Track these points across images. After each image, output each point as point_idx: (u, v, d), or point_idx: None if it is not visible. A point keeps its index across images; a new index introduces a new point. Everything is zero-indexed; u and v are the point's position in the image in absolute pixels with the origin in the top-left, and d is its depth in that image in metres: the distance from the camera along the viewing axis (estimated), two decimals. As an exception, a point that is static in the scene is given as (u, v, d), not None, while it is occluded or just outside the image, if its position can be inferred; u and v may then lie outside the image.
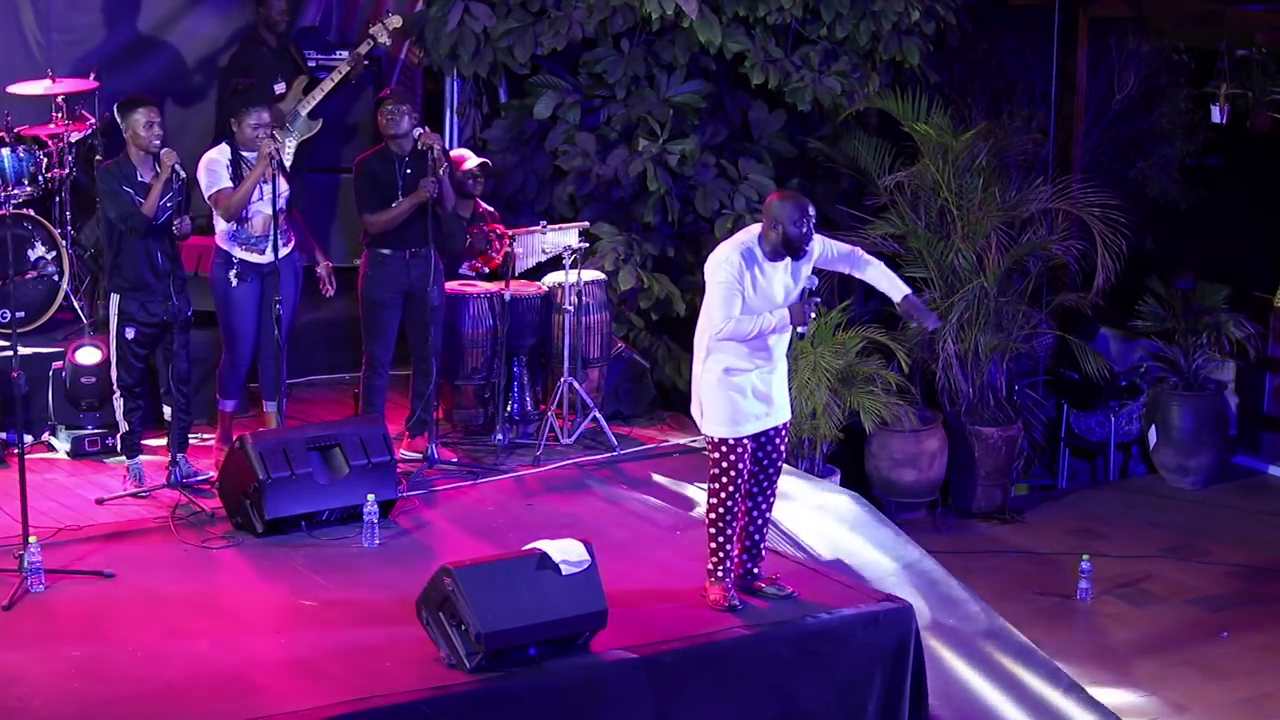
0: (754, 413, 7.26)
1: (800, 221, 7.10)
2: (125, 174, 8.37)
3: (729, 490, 7.29)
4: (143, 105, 8.39)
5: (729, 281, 7.09)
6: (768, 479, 7.46)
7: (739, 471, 7.28)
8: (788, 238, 7.11)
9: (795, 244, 7.13)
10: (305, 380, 10.14)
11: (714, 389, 7.24)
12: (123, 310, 8.47)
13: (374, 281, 9.01)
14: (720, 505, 7.31)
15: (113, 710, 6.45)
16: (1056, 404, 12.21)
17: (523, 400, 9.76)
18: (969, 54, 12.23)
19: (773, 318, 7.10)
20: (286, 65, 10.37)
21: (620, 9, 10.62)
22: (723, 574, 7.40)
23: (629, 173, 10.70)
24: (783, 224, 7.10)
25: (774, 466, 7.45)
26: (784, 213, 7.10)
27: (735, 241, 7.22)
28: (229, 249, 8.69)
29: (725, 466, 7.27)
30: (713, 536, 7.37)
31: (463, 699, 6.57)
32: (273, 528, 8.02)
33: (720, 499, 7.30)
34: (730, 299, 7.10)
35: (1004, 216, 11.07)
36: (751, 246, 7.16)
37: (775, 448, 7.42)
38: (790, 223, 7.09)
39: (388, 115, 8.92)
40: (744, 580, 7.53)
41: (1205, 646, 9.23)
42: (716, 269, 7.14)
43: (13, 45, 10.39)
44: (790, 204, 7.13)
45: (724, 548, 7.36)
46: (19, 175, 9.68)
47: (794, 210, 7.11)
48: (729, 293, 7.10)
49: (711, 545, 7.39)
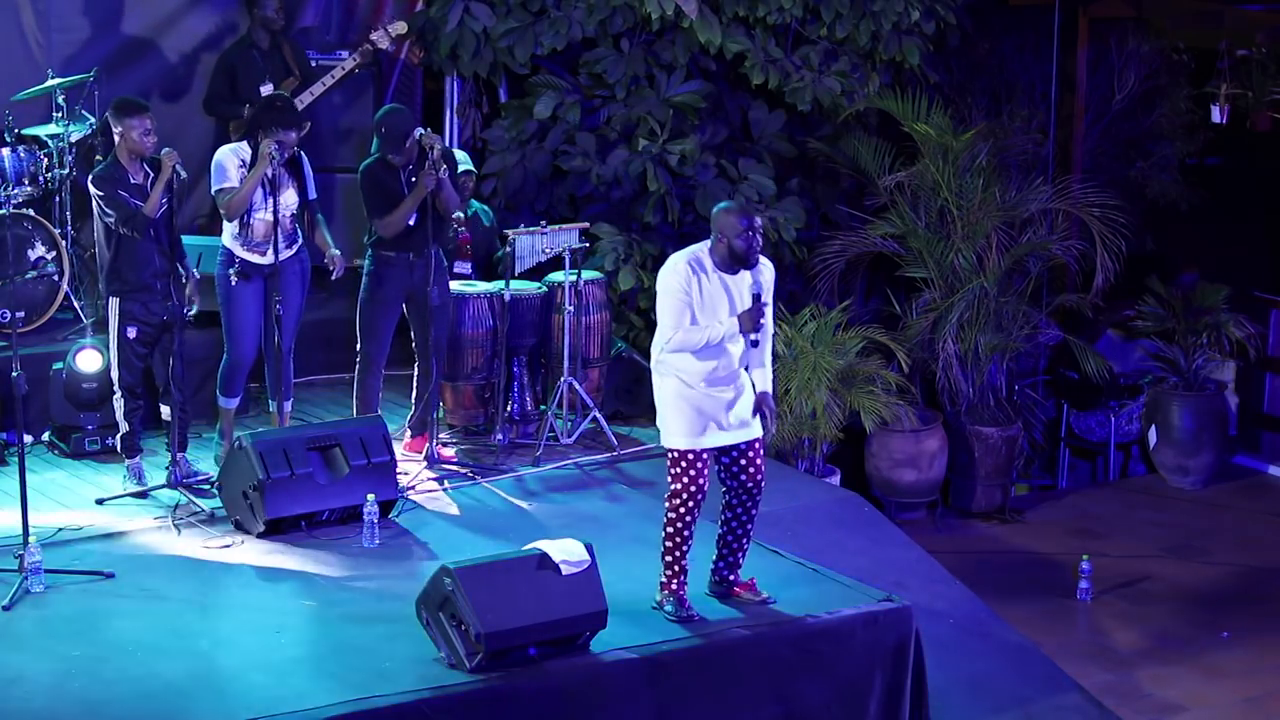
0: (712, 426, 7.12)
1: (744, 234, 6.98)
2: (117, 177, 8.35)
3: (687, 505, 7.15)
4: (136, 114, 8.34)
5: (676, 290, 7.00)
6: (747, 494, 7.31)
7: (699, 486, 7.15)
8: (733, 250, 7.01)
9: (741, 255, 7.01)
10: (305, 380, 10.14)
11: (669, 401, 7.15)
12: (124, 310, 8.47)
13: (376, 280, 9.01)
14: (678, 519, 7.19)
15: (113, 710, 6.44)
16: (1056, 404, 12.21)
17: (523, 400, 9.76)
18: (969, 54, 12.23)
19: (720, 327, 6.99)
20: (275, 66, 10.34)
21: (620, 9, 10.63)
22: (676, 586, 7.29)
23: (629, 173, 10.70)
24: (727, 236, 7.00)
25: (752, 481, 7.29)
26: (727, 224, 7.00)
27: (684, 252, 7.13)
28: (232, 248, 8.71)
29: (685, 481, 7.14)
30: (668, 550, 7.26)
31: (463, 699, 6.57)
32: (273, 528, 8.02)
33: (679, 513, 7.18)
34: (675, 308, 7.01)
35: (1004, 216, 11.08)
36: (700, 257, 7.07)
37: (751, 464, 7.26)
38: (734, 235, 6.99)
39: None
40: (720, 587, 7.47)
41: (1205, 646, 9.23)
42: (663, 279, 7.06)
43: (13, 45, 10.39)
44: (734, 215, 7.02)
45: (679, 561, 7.26)
46: (19, 175, 9.69)
47: (738, 221, 7.00)
48: (676, 302, 7.01)
49: (666, 558, 7.27)
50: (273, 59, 10.37)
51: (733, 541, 7.41)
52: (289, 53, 10.45)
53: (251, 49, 10.36)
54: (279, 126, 8.53)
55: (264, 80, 10.23)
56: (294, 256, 8.76)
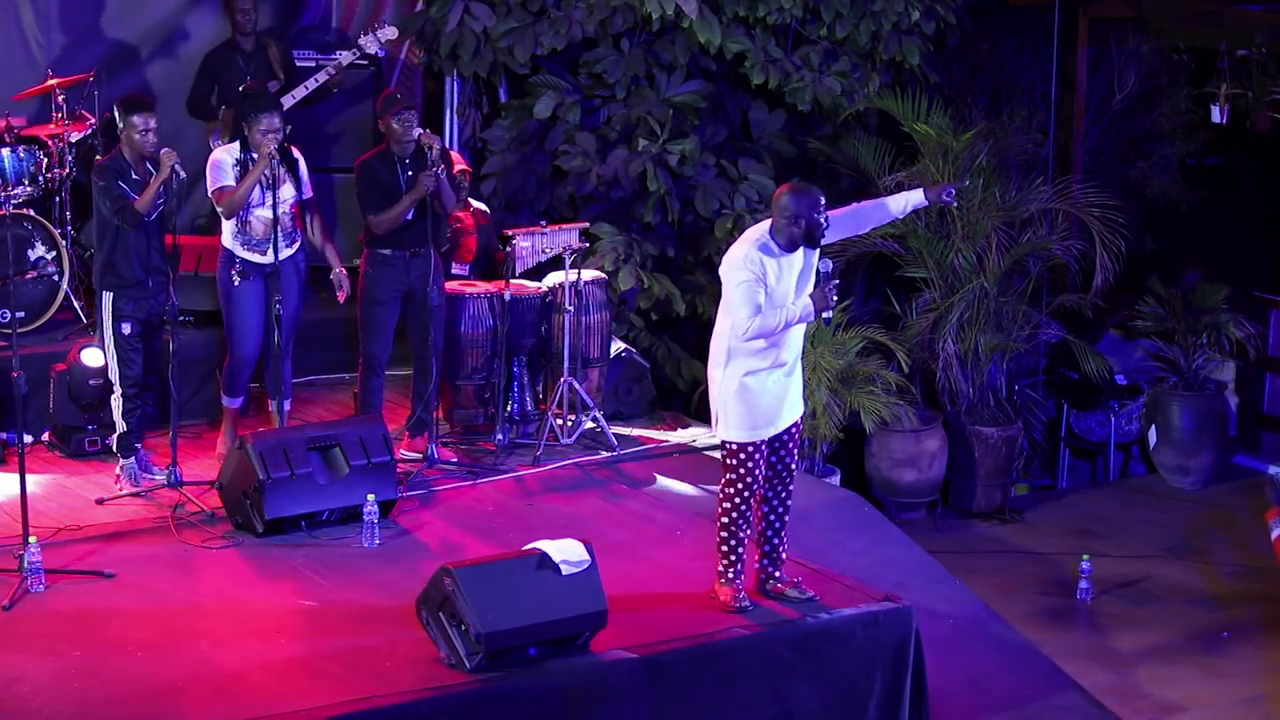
0: (771, 417, 7.23)
1: (820, 209, 7.09)
2: (118, 169, 8.42)
3: (743, 495, 7.26)
4: (140, 111, 8.40)
5: (751, 280, 7.03)
6: (781, 482, 7.41)
7: (755, 477, 7.25)
8: (810, 229, 7.09)
9: (818, 233, 7.12)
10: (305, 380, 10.14)
11: (733, 395, 7.19)
12: (116, 307, 8.50)
13: (374, 281, 9.02)
14: (734, 509, 7.28)
15: (113, 710, 6.45)
16: (1056, 404, 12.21)
17: (523, 400, 9.76)
18: (969, 54, 12.23)
19: (796, 308, 7.07)
20: (257, 68, 10.33)
21: (620, 9, 10.63)
22: (733, 575, 7.37)
23: (629, 173, 10.70)
24: (803, 216, 7.06)
25: (786, 469, 7.40)
26: (802, 205, 7.07)
27: (749, 240, 7.15)
28: (232, 248, 8.71)
29: (742, 472, 7.23)
30: (724, 540, 7.34)
31: (463, 699, 6.57)
32: (273, 528, 8.03)
33: (734, 503, 7.27)
34: (753, 296, 7.04)
35: (1004, 216, 11.08)
36: (766, 242, 7.11)
37: (787, 450, 7.38)
38: (812, 212, 7.07)
39: (404, 122, 8.88)
40: (764, 584, 7.51)
41: (1205, 646, 9.23)
42: (737, 269, 7.07)
43: (13, 45, 10.40)
44: (805, 195, 7.10)
45: (735, 550, 7.34)
46: (19, 175, 9.70)
47: (811, 201, 7.09)
48: (751, 290, 7.03)
49: (723, 549, 7.36)
50: (255, 61, 10.36)
51: (771, 535, 7.46)
52: (273, 55, 10.44)
53: (234, 51, 10.35)
54: (258, 113, 8.56)
55: (244, 82, 10.22)
56: (293, 256, 8.77)
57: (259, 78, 10.25)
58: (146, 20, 10.76)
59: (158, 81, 10.69)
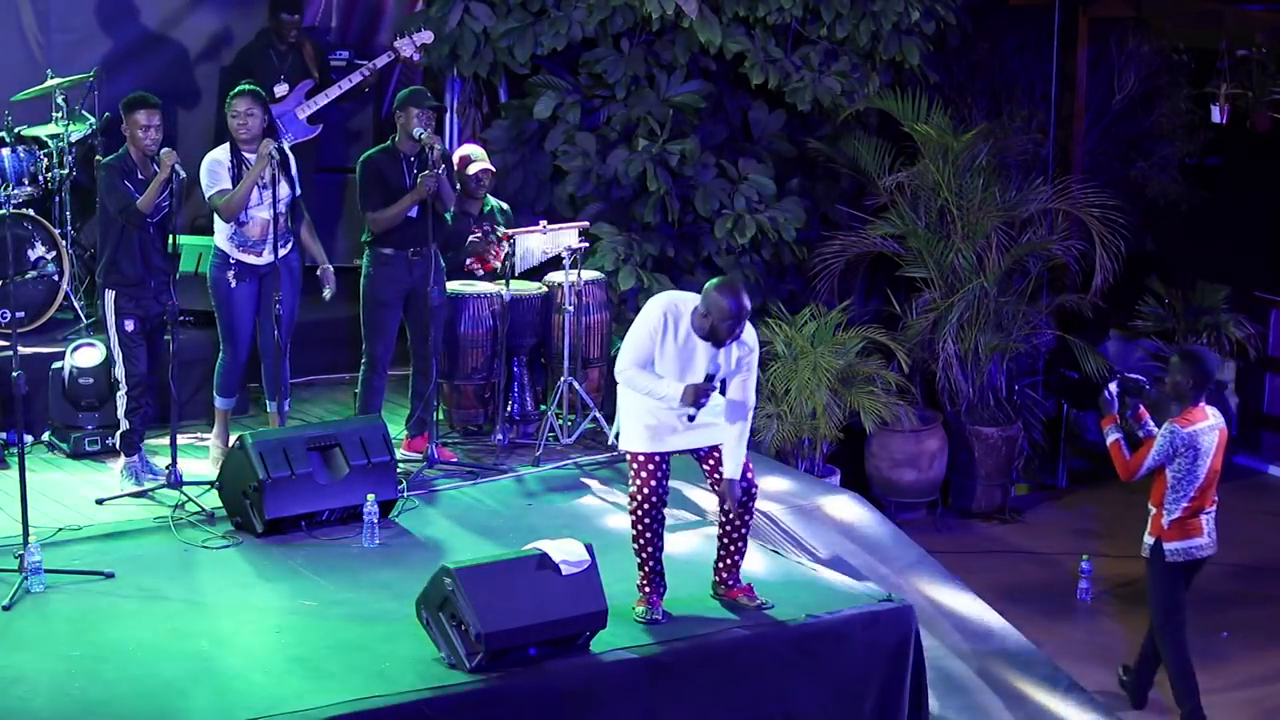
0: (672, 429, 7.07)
1: (730, 320, 6.84)
2: (124, 168, 8.43)
3: (644, 508, 7.12)
4: (144, 108, 8.43)
5: (644, 333, 6.96)
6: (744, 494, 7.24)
7: (651, 489, 7.11)
8: (714, 332, 6.89)
9: (719, 338, 6.90)
10: (305, 380, 10.15)
11: (628, 408, 7.12)
12: (118, 305, 8.51)
13: (375, 281, 9.02)
14: (637, 522, 7.16)
15: (113, 710, 6.44)
16: (1056, 404, 12.20)
17: (523, 400, 9.76)
18: (969, 54, 12.23)
19: (666, 388, 6.91)
20: (292, 67, 10.36)
21: (620, 9, 10.63)
22: (649, 588, 7.25)
23: (629, 173, 10.70)
24: (713, 317, 6.86)
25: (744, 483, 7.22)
26: (717, 306, 6.85)
27: (672, 299, 7.02)
28: (227, 249, 8.71)
29: (639, 484, 7.12)
30: (635, 550, 7.23)
31: (463, 699, 6.57)
32: (273, 528, 8.03)
33: (636, 515, 7.16)
34: (639, 348, 6.97)
35: (1004, 216, 11.08)
36: (682, 311, 6.96)
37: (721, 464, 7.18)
38: (721, 319, 6.85)
39: (425, 119, 8.87)
40: (720, 589, 7.45)
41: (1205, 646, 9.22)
42: (643, 313, 7.02)
43: (13, 45, 10.40)
44: (726, 298, 6.83)
45: (645, 563, 7.23)
46: (19, 175, 9.70)
47: (728, 305, 6.82)
48: (640, 341, 6.97)
49: (637, 559, 7.25)
50: (290, 59, 10.38)
51: (727, 542, 7.38)
52: (309, 54, 10.47)
53: (269, 48, 10.38)
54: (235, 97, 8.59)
55: (278, 80, 10.24)
56: (286, 256, 8.77)
57: (294, 76, 10.28)
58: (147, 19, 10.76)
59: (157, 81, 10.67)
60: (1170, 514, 8.04)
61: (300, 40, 10.47)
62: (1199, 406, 8.02)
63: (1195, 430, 7.97)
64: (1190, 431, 7.95)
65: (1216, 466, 8.05)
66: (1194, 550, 8.08)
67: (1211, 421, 8.02)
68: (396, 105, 9.04)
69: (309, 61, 10.45)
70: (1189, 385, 7.98)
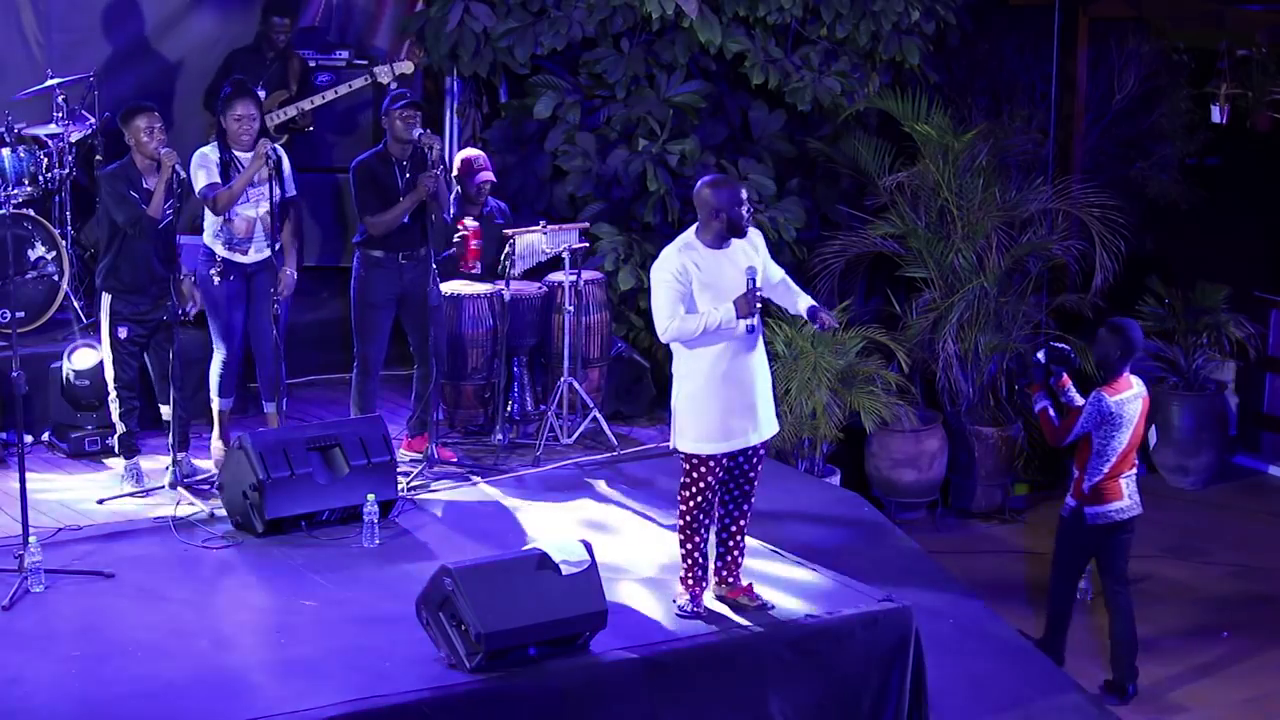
0: (727, 430, 7.13)
1: (741, 202, 7.05)
2: (130, 178, 8.40)
3: (697, 501, 7.19)
4: (143, 113, 8.41)
5: (668, 280, 7.01)
6: (743, 495, 7.36)
7: (708, 485, 7.18)
8: (732, 221, 7.04)
9: (740, 225, 7.06)
10: (305, 380, 10.14)
11: (684, 404, 7.16)
12: (114, 310, 8.50)
13: (366, 283, 8.99)
14: (688, 514, 7.23)
15: (113, 710, 6.45)
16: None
17: (523, 400, 9.76)
18: (969, 54, 12.23)
19: (717, 313, 6.98)
20: (273, 77, 10.36)
21: (620, 9, 10.63)
22: (692, 581, 7.33)
23: (629, 173, 10.71)
24: (724, 210, 7.02)
25: (749, 484, 7.34)
26: (721, 198, 7.03)
27: (671, 247, 7.13)
28: (212, 246, 8.72)
29: (695, 478, 7.18)
30: (681, 544, 7.32)
31: (463, 699, 6.57)
32: (273, 528, 8.02)
33: (688, 508, 7.23)
34: (670, 297, 7.02)
35: (1004, 216, 11.07)
36: (690, 242, 7.10)
37: (752, 466, 7.30)
38: (732, 205, 7.03)
39: (407, 119, 8.87)
40: (720, 589, 7.47)
41: (1205, 646, 9.23)
42: (655, 270, 7.09)
43: (13, 45, 10.40)
44: (724, 189, 7.06)
45: (691, 555, 7.30)
46: (19, 175, 9.69)
47: (731, 193, 7.04)
48: (665, 290, 7.02)
49: (680, 552, 7.34)
50: (273, 69, 10.40)
51: (728, 539, 7.42)
52: (293, 68, 10.50)
53: (257, 54, 10.39)
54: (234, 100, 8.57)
55: (258, 86, 10.23)
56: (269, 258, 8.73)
57: (272, 85, 10.29)
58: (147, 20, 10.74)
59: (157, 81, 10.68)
60: (1091, 479, 8.40)
61: (289, 52, 10.49)
62: (1124, 376, 8.40)
63: (1121, 399, 8.36)
64: (1116, 400, 8.34)
65: (1139, 434, 8.42)
66: (1113, 514, 8.45)
67: (1136, 390, 8.42)
68: (383, 110, 9.05)
69: (290, 75, 10.47)
70: (1116, 355, 8.37)
